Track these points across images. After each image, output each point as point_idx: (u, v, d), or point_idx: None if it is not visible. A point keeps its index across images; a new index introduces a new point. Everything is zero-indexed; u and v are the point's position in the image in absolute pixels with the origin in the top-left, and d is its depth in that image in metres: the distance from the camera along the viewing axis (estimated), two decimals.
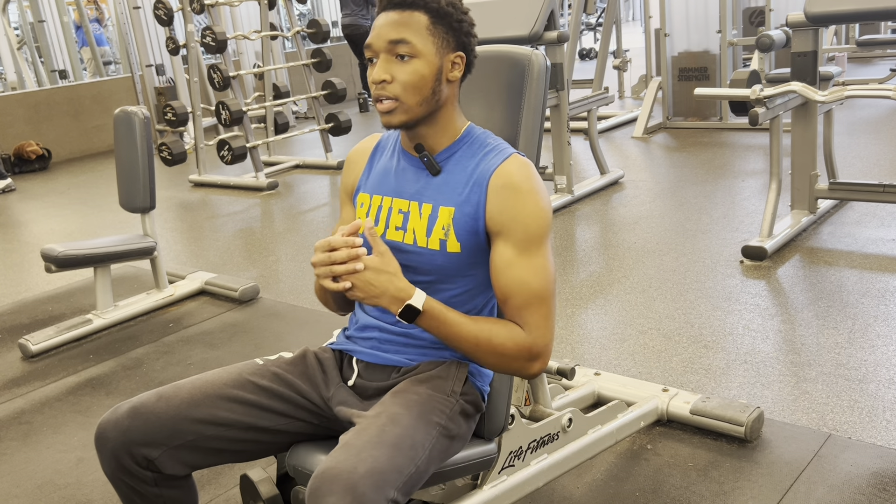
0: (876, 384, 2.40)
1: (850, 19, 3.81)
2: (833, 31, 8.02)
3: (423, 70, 1.40)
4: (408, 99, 1.41)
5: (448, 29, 1.42)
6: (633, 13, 20.30)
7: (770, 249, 3.48)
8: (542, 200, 1.42)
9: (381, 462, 1.23)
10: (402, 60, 1.40)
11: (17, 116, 8.33)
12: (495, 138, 1.51)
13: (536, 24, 4.33)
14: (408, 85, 1.40)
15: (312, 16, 12.83)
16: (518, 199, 1.41)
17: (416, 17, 1.40)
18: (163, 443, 1.41)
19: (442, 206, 1.45)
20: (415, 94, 1.41)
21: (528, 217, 1.41)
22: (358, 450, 1.25)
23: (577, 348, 2.88)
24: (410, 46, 1.39)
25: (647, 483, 2.05)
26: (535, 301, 1.41)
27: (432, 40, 1.41)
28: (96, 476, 2.36)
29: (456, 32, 1.43)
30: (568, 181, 4.70)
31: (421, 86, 1.41)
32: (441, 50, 1.42)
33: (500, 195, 1.42)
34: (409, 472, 1.28)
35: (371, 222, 1.41)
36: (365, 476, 1.20)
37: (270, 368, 1.53)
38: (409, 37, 1.39)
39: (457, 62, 1.45)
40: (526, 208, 1.41)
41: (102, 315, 3.51)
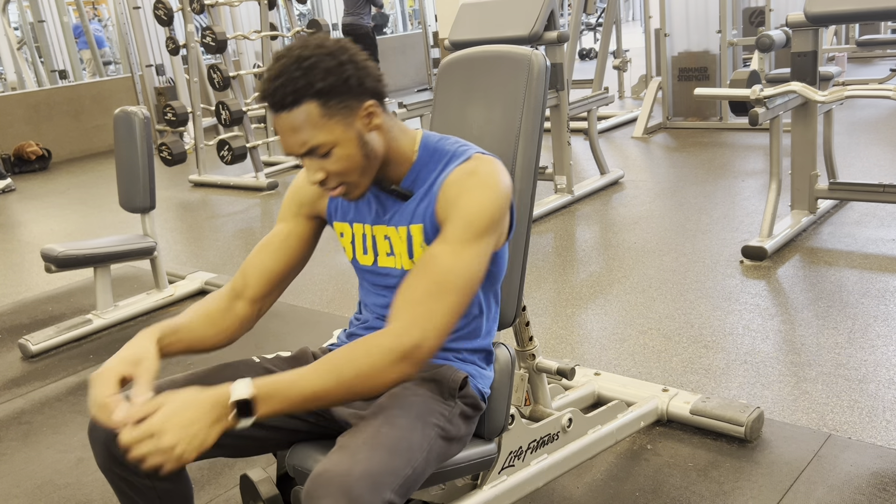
0: (876, 384, 2.40)
1: (850, 19, 3.81)
2: (833, 31, 8.02)
3: (347, 152, 1.33)
4: (350, 178, 1.36)
5: (341, 98, 1.31)
6: (633, 13, 20.30)
7: (770, 249, 3.48)
8: (488, 192, 1.35)
9: (376, 464, 1.22)
10: (323, 157, 1.33)
11: (17, 116, 8.33)
12: (453, 142, 1.45)
13: (536, 24, 4.33)
14: (342, 172, 1.35)
15: (312, 16, 12.83)
16: (463, 191, 1.36)
17: (306, 112, 1.29)
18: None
19: (412, 224, 1.44)
20: (353, 173, 1.36)
21: (468, 205, 1.35)
22: (353, 452, 1.24)
23: (577, 348, 2.88)
24: (322, 146, 1.31)
25: (647, 483, 2.05)
26: (441, 291, 1.31)
27: (333, 123, 1.31)
28: (96, 476, 2.35)
29: (351, 92, 1.31)
30: (568, 181, 4.70)
31: (355, 164, 1.35)
32: (347, 120, 1.32)
33: (447, 192, 1.38)
34: (405, 474, 1.27)
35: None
36: (360, 478, 1.19)
37: (266, 366, 1.54)
38: (313, 140, 1.30)
39: (371, 112, 1.35)
40: (468, 197, 1.35)
41: (102, 315, 3.51)
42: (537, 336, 2.07)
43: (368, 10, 9.56)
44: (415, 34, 12.23)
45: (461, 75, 1.78)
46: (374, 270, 1.51)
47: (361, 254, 1.52)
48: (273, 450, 1.58)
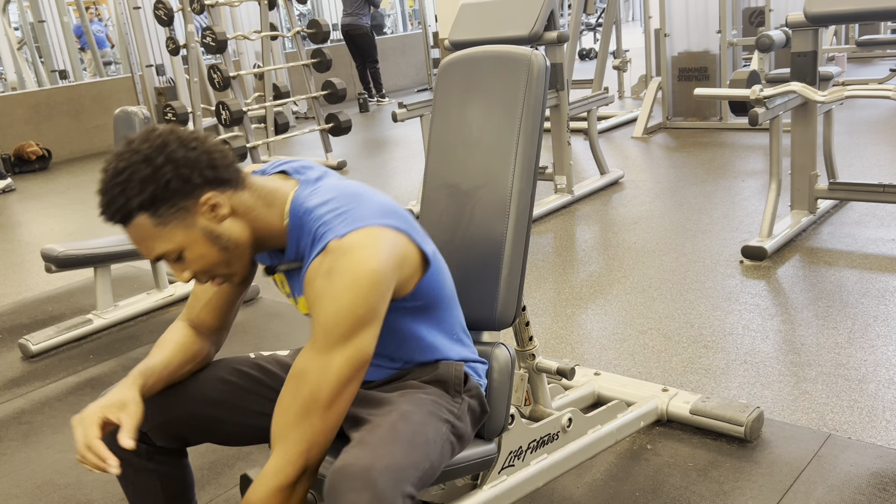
0: (876, 384, 2.40)
1: (850, 19, 3.81)
2: (833, 31, 8.02)
3: (198, 252, 1.28)
4: (219, 271, 1.33)
5: (171, 204, 1.23)
6: (633, 13, 20.30)
7: (770, 249, 3.48)
8: (347, 294, 1.23)
9: (397, 458, 1.24)
10: (180, 261, 1.29)
11: (17, 116, 8.33)
12: (317, 218, 1.31)
13: (536, 24, 4.33)
14: (204, 270, 1.31)
15: (312, 16, 12.84)
16: (320, 294, 1.25)
17: (139, 226, 1.24)
18: (154, 415, 1.45)
19: (300, 296, 1.43)
20: (217, 266, 1.31)
21: (327, 311, 1.24)
22: (374, 446, 1.25)
23: (577, 348, 2.88)
24: (167, 253, 1.27)
25: (647, 483, 2.05)
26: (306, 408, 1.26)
27: (171, 227, 1.25)
28: (96, 476, 2.35)
29: (178, 194, 1.23)
30: (568, 181, 4.70)
31: (212, 260, 1.30)
32: (186, 222, 1.26)
33: (308, 291, 1.28)
34: (423, 468, 1.29)
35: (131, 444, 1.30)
36: (383, 472, 1.20)
37: (260, 363, 1.57)
38: (157, 250, 1.27)
39: (214, 203, 1.26)
40: (326, 302, 1.24)
41: (102, 315, 3.51)
42: (537, 336, 2.07)
43: (368, 10, 9.56)
44: (415, 34, 12.23)
45: (461, 75, 1.78)
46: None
47: (296, 304, 1.52)
48: (267, 440, 1.59)
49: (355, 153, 7.18)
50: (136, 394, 1.38)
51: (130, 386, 1.39)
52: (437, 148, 1.81)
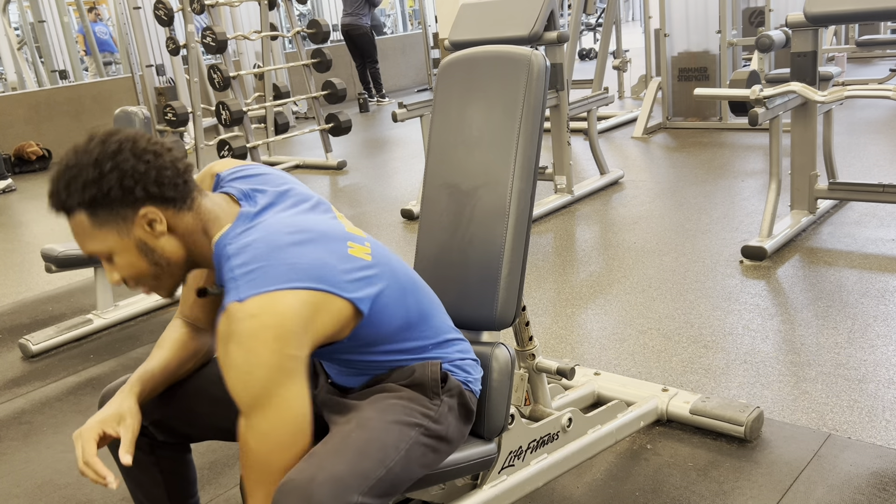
0: (876, 384, 2.40)
1: (850, 19, 3.81)
2: (833, 31, 8.02)
3: (128, 260, 1.29)
4: (147, 282, 1.33)
5: (108, 209, 1.24)
6: (633, 13, 20.30)
7: (770, 249, 3.48)
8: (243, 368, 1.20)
9: (340, 468, 1.22)
10: (110, 262, 1.30)
11: (17, 116, 8.33)
12: (229, 269, 1.27)
13: (536, 24, 4.34)
14: (131, 277, 1.31)
15: (312, 16, 12.84)
16: (224, 355, 1.23)
17: (78, 221, 1.26)
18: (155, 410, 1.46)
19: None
20: (144, 278, 1.31)
21: (234, 385, 1.23)
22: (320, 459, 1.23)
23: (577, 348, 2.88)
24: (99, 252, 1.28)
25: (647, 483, 2.05)
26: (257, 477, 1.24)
27: (105, 230, 1.26)
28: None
29: (117, 202, 1.24)
30: (568, 181, 4.70)
31: (140, 269, 1.30)
32: (122, 229, 1.26)
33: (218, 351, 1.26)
34: (376, 475, 1.26)
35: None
36: (322, 484, 1.18)
37: None
38: (88, 247, 1.28)
39: (152, 218, 1.27)
40: (229, 377, 1.23)
41: (103, 315, 3.52)
42: (537, 336, 2.07)
43: (368, 10, 9.57)
44: (415, 34, 12.23)
45: (461, 75, 1.78)
46: None
47: None
48: None
49: (355, 153, 7.18)
50: (133, 404, 1.39)
51: (128, 395, 1.40)
52: (437, 148, 1.81)
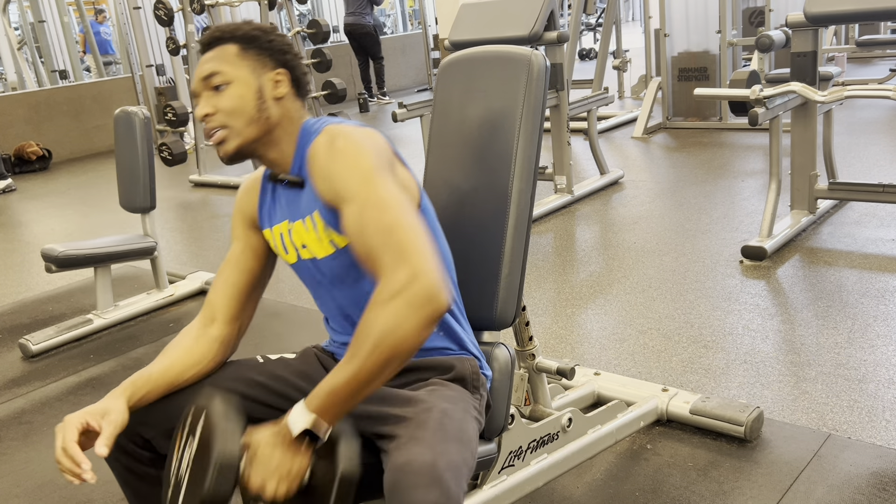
0: (876, 384, 2.40)
1: (850, 19, 3.81)
2: (833, 31, 8.02)
3: (241, 92, 1.42)
4: (234, 123, 1.42)
5: (260, 50, 1.45)
6: (633, 13, 20.31)
7: (770, 249, 3.48)
8: (354, 143, 1.37)
9: (454, 455, 1.24)
10: (219, 91, 1.43)
11: (17, 116, 8.33)
12: (314, 121, 1.49)
13: (536, 24, 4.33)
14: (229, 110, 1.42)
15: (313, 16, 12.83)
16: (332, 157, 1.36)
17: (225, 50, 1.44)
18: (158, 423, 1.44)
19: (309, 214, 1.44)
20: (239, 116, 1.42)
21: (347, 162, 1.35)
22: (430, 443, 1.23)
23: (577, 348, 2.88)
24: (222, 75, 1.42)
25: (647, 483, 2.05)
26: (395, 227, 1.26)
27: (245, 64, 1.44)
28: (96, 475, 2.35)
29: (270, 52, 1.46)
30: (568, 181, 4.70)
31: (242, 107, 1.42)
32: (257, 71, 1.44)
33: (317, 167, 1.39)
34: (470, 465, 1.31)
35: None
36: (446, 469, 1.20)
37: (269, 367, 1.55)
38: (217, 67, 1.42)
39: (279, 79, 1.46)
40: (342, 158, 1.35)
41: (103, 315, 3.52)
42: (537, 336, 2.07)
43: (370, 9, 9.57)
44: (415, 34, 12.23)
45: (461, 75, 1.78)
46: (298, 267, 1.53)
47: (284, 254, 1.53)
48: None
49: None
50: (121, 403, 1.39)
51: (118, 396, 1.41)
52: (437, 148, 1.81)
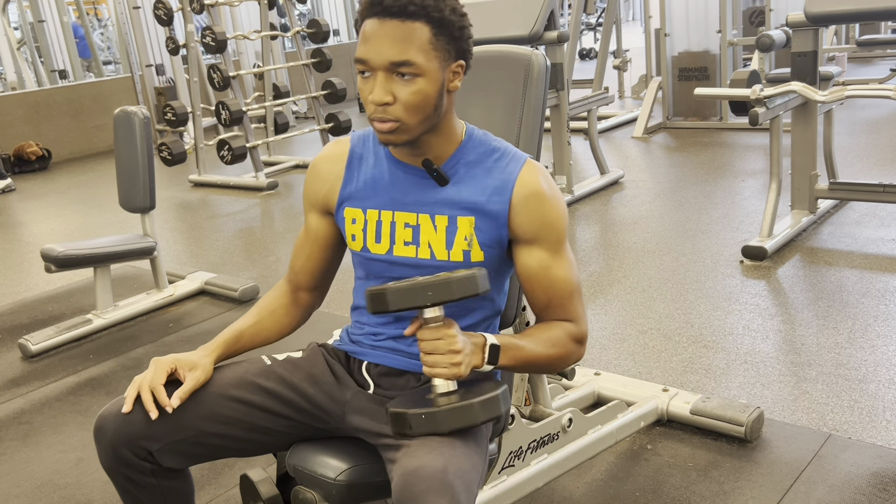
0: (876, 384, 2.40)
1: (850, 19, 3.81)
2: (833, 31, 8.02)
3: (428, 89, 1.31)
4: (410, 120, 1.32)
5: (450, 39, 1.32)
6: (633, 13, 20.30)
7: (770, 249, 3.48)
8: (562, 203, 1.44)
9: (463, 461, 1.25)
10: (404, 79, 1.30)
11: (17, 116, 8.33)
12: (497, 140, 1.46)
13: (536, 24, 4.33)
14: (411, 106, 1.31)
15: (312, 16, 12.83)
16: (545, 206, 1.40)
17: (417, 31, 1.28)
18: (164, 436, 1.41)
19: (460, 216, 1.40)
20: (418, 113, 1.32)
21: (556, 221, 1.42)
22: (440, 450, 1.24)
23: None
24: (415, 67, 1.29)
25: (647, 483, 2.05)
26: (576, 293, 1.45)
27: (435, 55, 1.31)
28: (96, 476, 2.35)
29: (457, 41, 1.33)
30: (568, 181, 4.70)
31: (424, 105, 1.32)
32: (444, 63, 1.33)
33: (527, 205, 1.40)
34: (482, 469, 1.32)
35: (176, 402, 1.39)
36: (456, 476, 1.21)
37: (276, 370, 1.51)
38: (412, 57, 1.28)
39: (457, 71, 1.36)
40: (553, 213, 1.41)
41: (102, 315, 3.51)
42: None
43: None
44: None
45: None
46: (387, 260, 1.46)
47: (374, 242, 1.46)
48: (275, 451, 1.58)
49: None
50: (209, 362, 1.47)
51: (209, 354, 1.49)
52: None
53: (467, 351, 1.30)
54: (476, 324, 1.50)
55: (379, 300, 1.28)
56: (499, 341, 1.35)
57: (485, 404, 1.28)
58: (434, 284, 1.26)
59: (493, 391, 1.30)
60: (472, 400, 1.28)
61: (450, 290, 1.27)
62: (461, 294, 1.27)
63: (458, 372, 1.27)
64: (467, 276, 1.28)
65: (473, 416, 1.28)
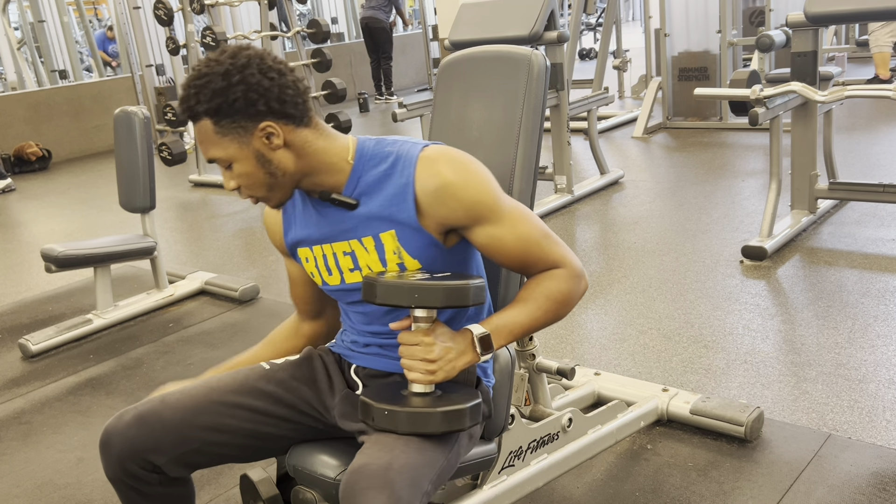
0: (876, 384, 2.40)
1: (850, 19, 3.81)
2: (833, 31, 8.02)
3: (245, 169, 1.35)
4: (260, 192, 1.38)
5: (231, 118, 1.31)
6: (633, 13, 20.29)
7: (770, 249, 3.48)
8: (475, 174, 1.39)
9: (413, 457, 1.26)
10: (229, 169, 1.37)
11: (17, 116, 8.33)
12: (391, 142, 1.43)
13: (536, 24, 4.33)
14: (249, 185, 1.37)
15: (312, 16, 12.84)
16: (458, 192, 1.36)
17: (205, 129, 1.33)
18: (169, 450, 1.43)
19: (381, 232, 1.40)
20: (260, 187, 1.37)
21: (479, 196, 1.37)
22: (390, 447, 1.27)
23: (577, 348, 2.88)
24: (221, 161, 1.36)
25: (647, 483, 2.05)
26: (544, 240, 1.41)
27: (227, 141, 1.33)
28: (96, 476, 2.36)
29: (240, 114, 1.31)
30: (568, 181, 4.70)
31: (256, 180, 1.36)
32: (242, 140, 1.33)
33: (439, 199, 1.37)
34: (440, 466, 1.32)
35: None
36: (400, 471, 1.22)
37: (276, 374, 1.54)
38: (211, 153, 1.35)
39: (270, 132, 1.33)
40: (471, 192, 1.37)
41: (102, 315, 3.51)
42: (537, 336, 2.07)
43: (388, 5, 9.70)
44: (415, 34, 12.23)
45: (461, 75, 1.78)
46: (343, 289, 1.49)
47: (327, 275, 1.49)
48: (277, 454, 1.59)
49: None
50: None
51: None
52: None
53: (450, 356, 1.31)
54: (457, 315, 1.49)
55: (369, 291, 1.32)
56: (487, 328, 1.35)
57: (448, 415, 1.29)
58: (422, 288, 1.28)
59: (461, 403, 1.30)
60: (436, 409, 1.29)
61: (436, 297, 1.28)
62: (447, 303, 1.28)
63: (432, 379, 1.31)
64: (458, 286, 1.29)
65: (433, 425, 1.29)
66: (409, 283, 1.29)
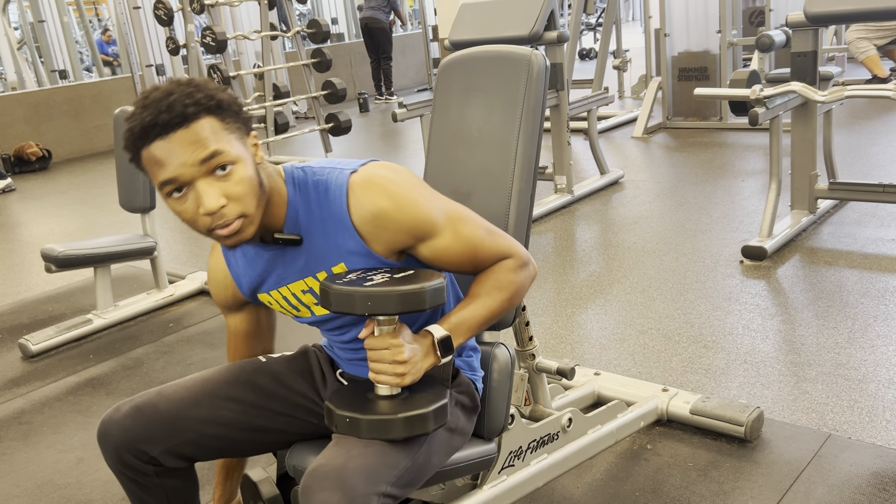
0: (876, 384, 2.40)
1: (850, 19, 3.81)
2: (833, 31, 8.02)
3: (247, 172, 1.25)
4: (250, 209, 1.26)
5: (235, 117, 1.26)
6: (633, 13, 20.30)
7: (770, 249, 3.48)
8: (406, 195, 1.34)
9: (371, 458, 1.25)
10: (224, 173, 1.23)
11: (17, 116, 8.33)
12: (318, 169, 1.38)
13: (536, 24, 4.33)
14: (243, 196, 1.24)
15: (312, 16, 12.84)
16: (394, 217, 1.33)
17: (205, 126, 1.21)
18: (164, 440, 1.44)
19: (333, 266, 1.38)
20: (252, 199, 1.26)
21: (415, 217, 1.35)
22: (349, 447, 1.27)
23: (577, 348, 2.88)
24: (224, 154, 1.22)
25: (647, 483, 2.05)
26: (488, 237, 1.42)
27: (234, 137, 1.25)
28: (96, 476, 2.36)
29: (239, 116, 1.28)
30: (568, 181, 4.70)
31: (253, 189, 1.26)
32: (242, 140, 1.27)
33: (377, 226, 1.34)
34: (404, 466, 1.29)
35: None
36: (355, 471, 1.22)
37: (272, 367, 1.55)
38: (219, 146, 1.22)
39: (256, 143, 1.31)
40: (408, 215, 1.34)
41: (102, 315, 3.51)
42: (537, 336, 2.07)
43: (388, 6, 9.73)
44: (415, 34, 12.24)
45: (461, 75, 1.78)
46: (315, 321, 1.49)
47: (296, 312, 1.48)
48: (275, 449, 1.60)
49: (355, 153, 7.18)
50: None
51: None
52: (436, 148, 1.81)
53: (416, 359, 1.30)
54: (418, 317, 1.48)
55: (325, 299, 1.29)
56: (445, 328, 1.35)
57: (410, 421, 1.27)
58: (375, 295, 1.24)
59: (424, 407, 1.28)
60: (397, 415, 1.27)
61: (390, 304, 1.24)
62: (403, 309, 1.25)
63: (401, 382, 1.29)
64: (413, 291, 1.24)
65: (395, 432, 1.27)
66: (362, 290, 1.24)
